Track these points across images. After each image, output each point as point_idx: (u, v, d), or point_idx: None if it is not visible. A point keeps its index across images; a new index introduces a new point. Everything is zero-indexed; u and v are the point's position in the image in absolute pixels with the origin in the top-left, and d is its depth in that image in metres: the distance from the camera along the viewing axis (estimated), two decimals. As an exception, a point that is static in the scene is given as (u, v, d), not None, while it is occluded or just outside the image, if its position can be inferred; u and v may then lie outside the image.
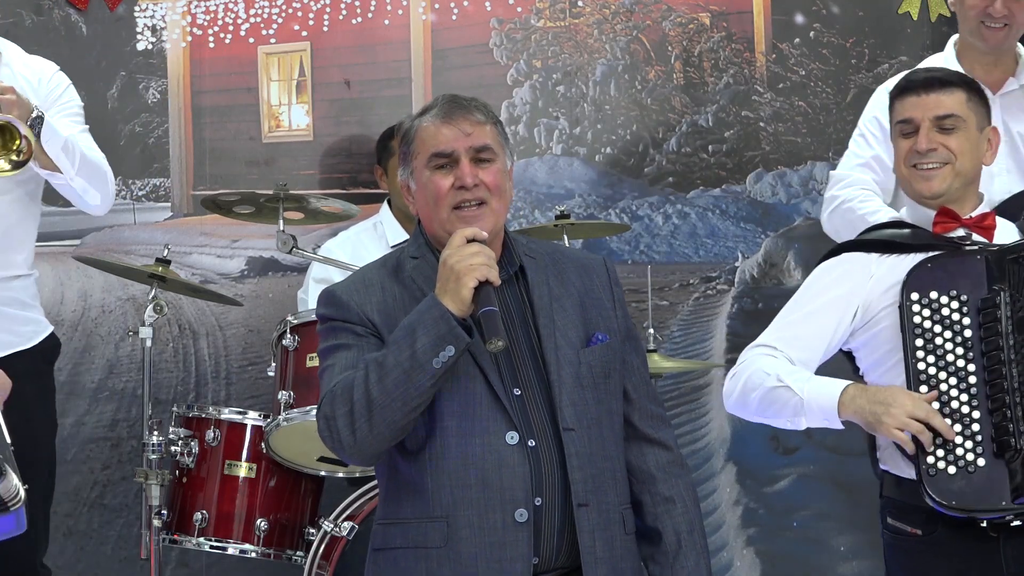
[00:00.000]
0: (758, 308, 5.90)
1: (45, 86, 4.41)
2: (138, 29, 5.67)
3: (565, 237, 4.99)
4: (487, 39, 5.87)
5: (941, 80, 3.53)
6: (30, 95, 4.22)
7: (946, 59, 4.57)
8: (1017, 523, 3.27)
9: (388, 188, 5.35)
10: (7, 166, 4.08)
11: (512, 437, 3.06)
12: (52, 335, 4.54)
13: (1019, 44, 4.64)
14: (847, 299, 3.42)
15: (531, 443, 3.07)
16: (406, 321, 3.02)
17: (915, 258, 3.39)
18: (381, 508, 3.21)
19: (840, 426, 3.35)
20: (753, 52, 5.99)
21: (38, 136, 4.14)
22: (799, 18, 6.00)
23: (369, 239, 5.32)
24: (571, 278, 3.22)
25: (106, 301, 5.60)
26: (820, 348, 3.44)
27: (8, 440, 2.90)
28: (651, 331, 5.14)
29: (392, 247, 5.27)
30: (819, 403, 3.32)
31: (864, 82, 6.02)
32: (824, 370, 3.49)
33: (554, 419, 3.09)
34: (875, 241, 3.49)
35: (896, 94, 3.54)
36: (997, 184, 4.28)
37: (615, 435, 3.16)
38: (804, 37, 5.99)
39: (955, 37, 4.61)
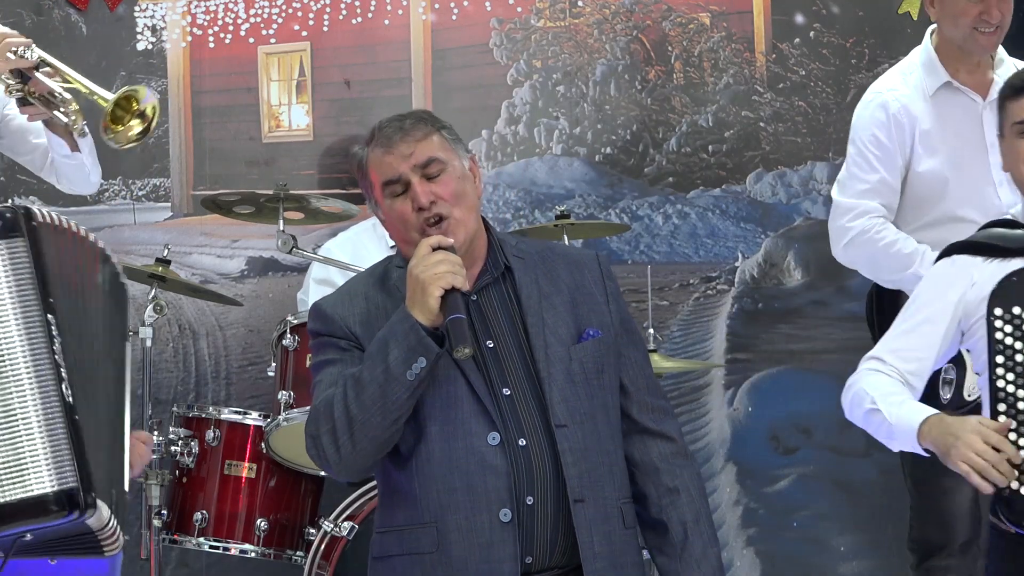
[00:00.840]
0: (758, 308, 5.91)
1: None
2: (138, 29, 5.67)
3: (565, 237, 4.99)
4: (487, 39, 5.87)
5: None
6: None
7: (930, 65, 4.53)
8: None
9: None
10: (139, 128, 4.08)
11: (494, 438, 3.06)
12: None
13: None
14: (953, 307, 3.40)
15: (521, 442, 3.06)
16: (380, 335, 3.04)
17: (1019, 263, 3.36)
18: (379, 517, 3.24)
19: (925, 453, 3.36)
20: (753, 52, 5.99)
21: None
22: (799, 18, 6.00)
23: (369, 239, 5.31)
24: (561, 275, 3.22)
25: (106, 301, 5.61)
26: (930, 358, 3.44)
27: (127, 476, 2.87)
28: (651, 331, 5.14)
29: (392, 247, 5.27)
30: (903, 430, 3.33)
31: (864, 82, 6.00)
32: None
33: (546, 417, 3.08)
34: (980, 244, 3.46)
35: (1011, 95, 3.49)
36: (1003, 195, 4.29)
37: (611, 429, 3.16)
38: (804, 37, 5.99)
39: (929, 41, 4.57)
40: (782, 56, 5.98)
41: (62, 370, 2.68)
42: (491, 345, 3.12)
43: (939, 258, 3.52)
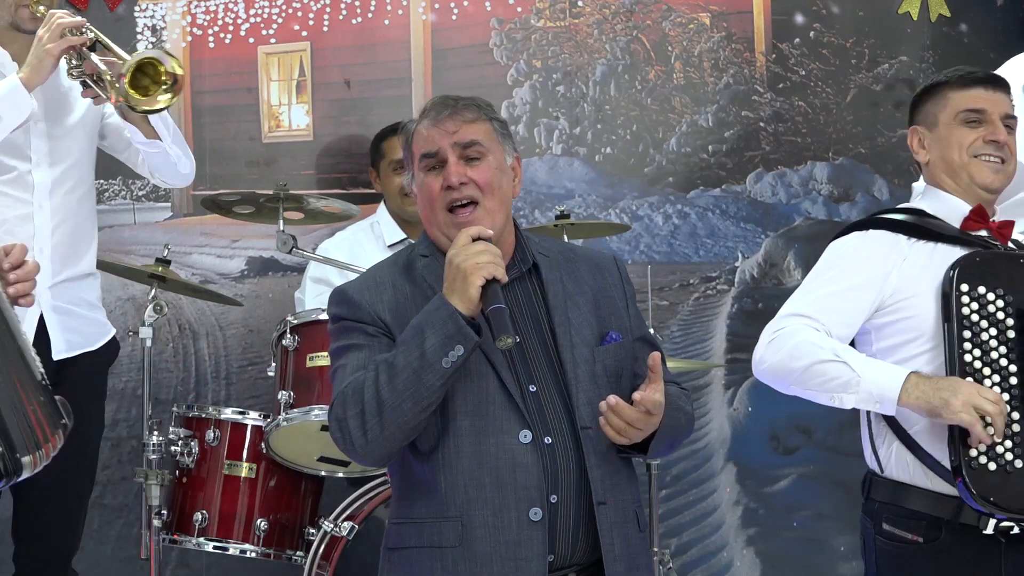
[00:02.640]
0: (758, 308, 5.91)
1: None
2: (138, 29, 5.67)
3: (565, 237, 4.99)
4: (487, 39, 5.87)
5: (1003, 82, 3.55)
6: None
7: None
8: (1016, 531, 3.28)
9: (381, 190, 5.35)
10: (168, 96, 4.07)
11: (525, 435, 3.05)
12: (114, 339, 4.54)
13: None
14: (883, 279, 3.40)
15: (547, 440, 3.06)
16: (415, 321, 3.01)
17: (944, 248, 3.39)
18: (394, 507, 3.20)
19: (892, 412, 3.33)
20: (753, 52, 5.99)
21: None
22: (799, 18, 6.00)
23: (366, 239, 5.32)
24: (584, 276, 3.21)
25: (106, 301, 5.57)
26: (855, 325, 3.42)
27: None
28: (651, 331, 5.14)
29: (389, 247, 5.28)
30: (879, 385, 3.29)
31: (864, 82, 6.02)
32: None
33: (571, 417, 3.07)
34: (907, 223, 3.47)
35: (958, 85, 3.51)
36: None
37: None
38: (804, 37, 5.99)
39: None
40: (782, 56, 5.98)
41: None
42: (517, 340, 3.09)
43: (849, 230, 3.51)
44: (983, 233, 3.45)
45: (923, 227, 3.44)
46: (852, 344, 3.44)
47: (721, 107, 5.96)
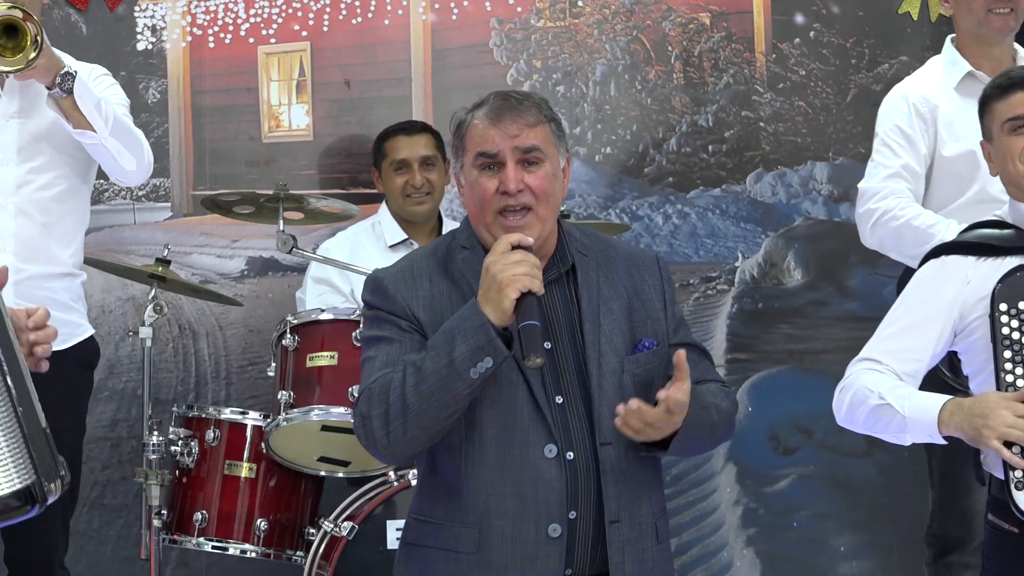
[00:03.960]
0: (758, 308, 5.90)
1: (90, 78, 4.40)
2: (138, 29, 5.67)
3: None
4: (487, 39, 5.87)
5: None
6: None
7: (951, 59, 4.56)
8: None
9: (383, 190, 5.35)
10: (31, 54, 4.05)
11: (551, 450, 3.01)
12: (91, 338, 4.51)
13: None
14: (948, 307, 3.39)
15: (569, 456, 3.03)
16: (447, 326, 2.97)
17: (1012, 261, 3.36)
18: (416, 501, 3.17)
19: (943, 441, 3.34)
20: (753, 52, 5.99)
21: (70, 92, 4.14)
22: (799, 18, 6.00)
23: (367, 239, 5.32)
24: (620, 277, 3.16)
25: (106, 301, 5.59)
26: (925, 359, 3.42)
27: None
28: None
29: (390, 247, 5.28)
30: (920, 421, 3.31)
31: (864, 82, 6.02)
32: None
33: (592, 431, 3.04)
34: (972, 243, 3.46)
35: (998, 95, 3.49)
36: None
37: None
38: (804, 37, 5.99)
39: (951, 38, 4.61)
40: (782, 56, 5.98)
41: (3, 364, 2.69)
42: (549, 346, 3.06)
43: (925, 260, 3.52)
44: None
45: (989, 244, 3.42)
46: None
47: (721, 107, 5.96)
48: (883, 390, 3.35)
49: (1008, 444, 3.20)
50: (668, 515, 3.21)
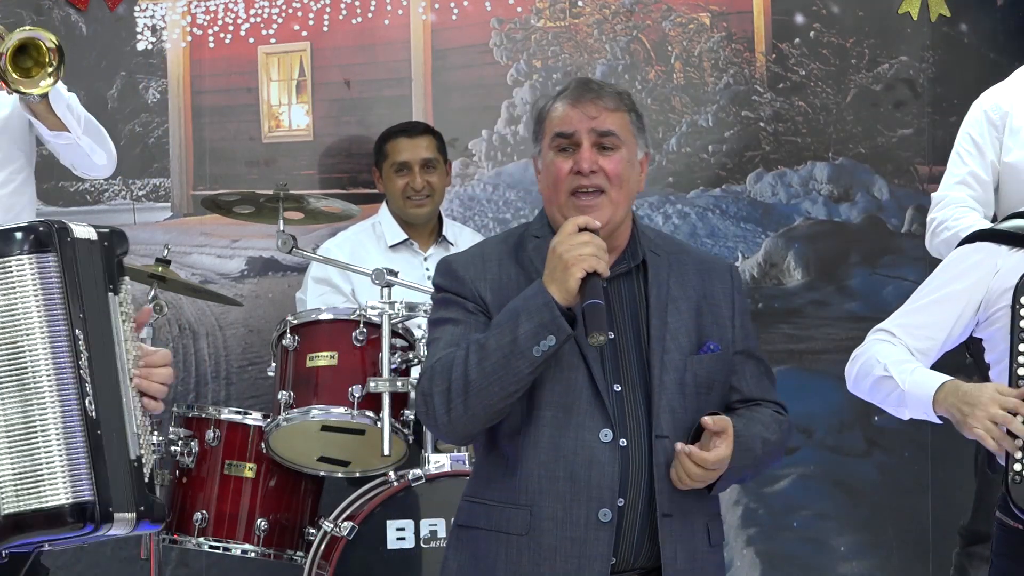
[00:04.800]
0: (758, 308, 5.90)
1: None
2: (138, 29, 5.67)
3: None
4: (487, 39, 5.86)
5: None
6: None
7: None
8: None
9: (383, 190, 5.35)
10: (50, 80, 4.06)
11: (606, 435, 3.01)
12: None
13: None
14: (971, 291, 3.37)
15: (623, 442, 3.02)
16: (511, 305, 2.99)
17: None
18: (470, 484, 3.19)
19: (938, 420, 3.33)
20: (753, 52, 5.99)
21: (44, 96, 4.15)
22: (799, 18, 6.00)
23: (368, 239, 5.32)
24: (691, 280, 3.15)
25: (106, 301, 5.60)
26: (940, 338, 3.40)
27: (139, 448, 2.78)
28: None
29: (390, 248, 5.28)
30: (918, 396, 3.29)
31: (864, 82, 6.02)
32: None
33: (650, 423, 3.04)
34: (1006, 233, 3.43)
35: None
36: None
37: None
38: (804, 37, 5.99)
39: None
40: (782, 56, 5.98)
41: (87, 385, 2.67)
42: (612, 336, 3.06)
43: (962, 243, 3.51)
44: None
45: (1020, 235, 3.41)
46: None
47: (721, 107, 5.96)
48: (889, 362, 3.34)
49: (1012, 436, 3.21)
50: (722, 521, 3.19)
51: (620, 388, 3.05)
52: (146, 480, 2.74)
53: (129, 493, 2.69)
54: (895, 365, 3.34)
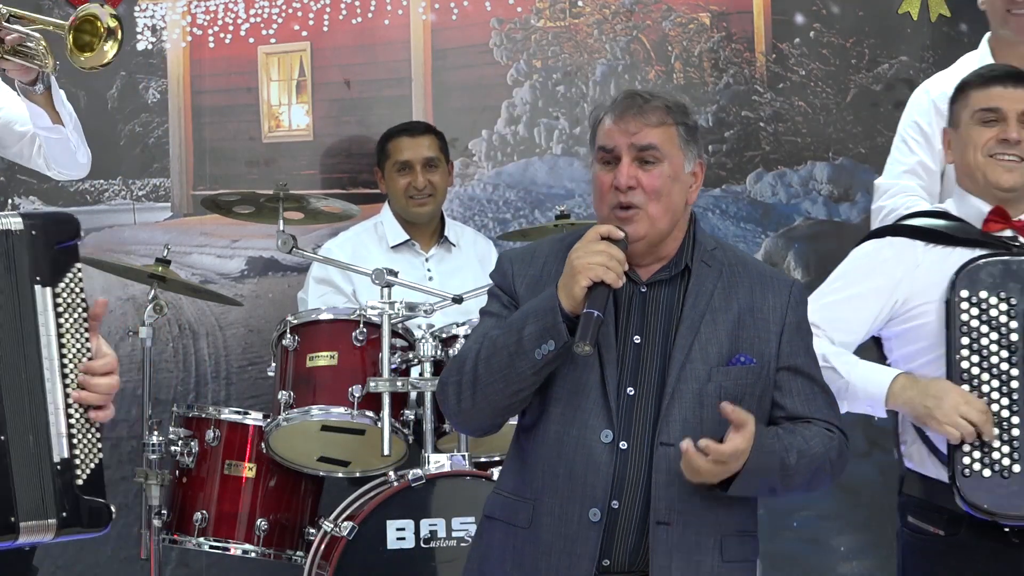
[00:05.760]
0: (758, 308, 5.90)
1: None
2: (138, 29, 5.67)
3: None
4: (487, 39, 5.86)
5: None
6: None
7: (981, 57, 4.55)
8: None
9: (385, 190, 5.35)
10: (114, 47, 4.05)
11: (607, 435, 3.03)
12: None
13: None
14: (893, 287, 3.38)
15: (623, 445, 3.03)
16: (526, 306, 3.05)
17: (962, 252, 3.35)
18: (499, 476, 3.25)
19: (883, 415, 3.32)
20: (753, 52, 5.99)
21: (48, 87, 4.14)
22: (799, 18, 6.00)
23: (369, 239, 5.32)
24: (739, 293, 3.12)
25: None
26: (861, 332, 3.41)
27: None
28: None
29: (392, 248, 5.28)
30: (867, 389, 3.29)
31: (864, 82, 6.01)
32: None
33: (656, 429, 3.04)
34: (924, 229, 3.44)
35: (977, 84, 3.48)
36: None
37: None
38: (804, 37, 5.99)
39: (988, 35, 4.59)
40: (782, 56, 5.98)
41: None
42: (638, 340, 3.07)
43: (870, 237, 3.50)
44: (1007, 233, 3.41)
45: (939, 232, 3.41)
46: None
47: (721, 107, 5.96)
48: (827, 353, 3.32)
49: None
50: (758, 540, 3.15)
51: (633, 392, 3.06)
52: (81, 482, 2.64)
53: (49, 498, 2.60)
54: (835, 356, 3.33)
